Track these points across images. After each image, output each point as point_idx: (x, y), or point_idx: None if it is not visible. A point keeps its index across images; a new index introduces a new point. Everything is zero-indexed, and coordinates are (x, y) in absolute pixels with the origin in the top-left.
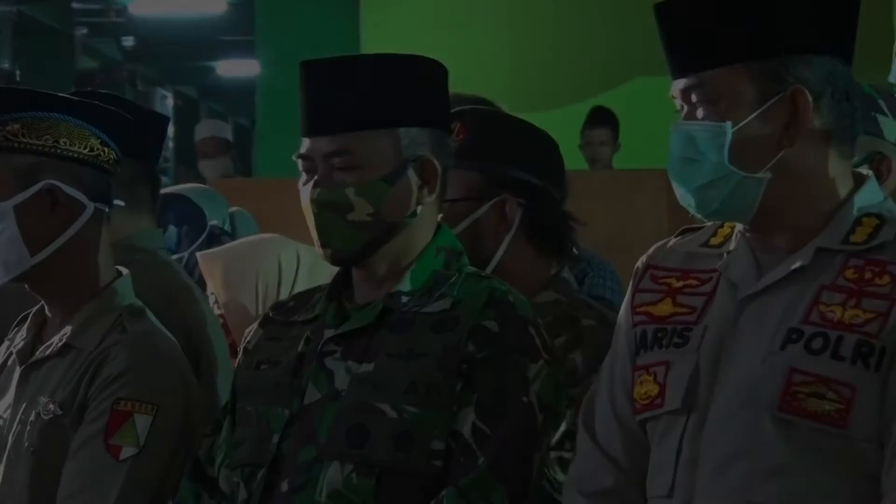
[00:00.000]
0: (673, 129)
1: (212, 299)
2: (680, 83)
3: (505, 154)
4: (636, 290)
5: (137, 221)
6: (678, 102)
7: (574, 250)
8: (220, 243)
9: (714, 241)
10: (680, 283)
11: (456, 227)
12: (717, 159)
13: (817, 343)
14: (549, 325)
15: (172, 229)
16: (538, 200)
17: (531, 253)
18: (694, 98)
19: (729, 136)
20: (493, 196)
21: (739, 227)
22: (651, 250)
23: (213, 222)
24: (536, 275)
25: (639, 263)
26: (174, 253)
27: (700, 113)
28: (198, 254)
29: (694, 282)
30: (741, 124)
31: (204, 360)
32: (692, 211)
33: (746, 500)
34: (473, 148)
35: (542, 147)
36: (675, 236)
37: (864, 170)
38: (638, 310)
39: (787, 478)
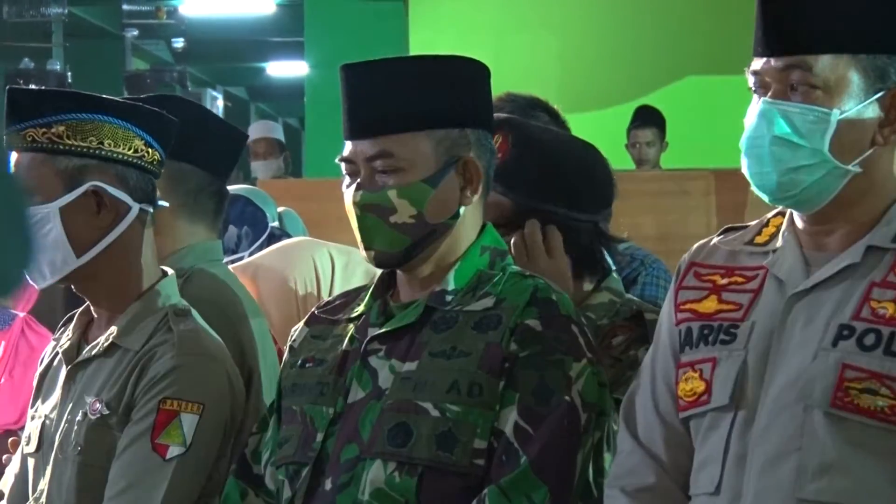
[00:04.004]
0: (766, 106)
1: None
2: (776, 61)
3: (537, 186)
4: (679, 288)
5: (196, 232)
6: (758, 79)
7: (610, 266)
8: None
9: (759, 239)
10: (725, 281)
11: None
12: (817, 145)
13: (870, 339)
14: (605, 327)
15: (232, 229)
16: (564, 233)
17: None
18: (794, 78)
19: (834, 124)
20: (520, 224)
21: (786, 224)
22: (693, 248)
23: (274, 223)
24: (574, 294)
25: (681, 262)
26: (234, 252)
27: (798, 96)
28: (230, 267)
29: (739, 279)
30: (847, 114)
31: (255, 377)
32: (763, 192)
33: (796, 497)
34: (507, 174)
35: (576, 171)
36: (718, 235)
37: None
38: (682, 307)
39: (838, 475)
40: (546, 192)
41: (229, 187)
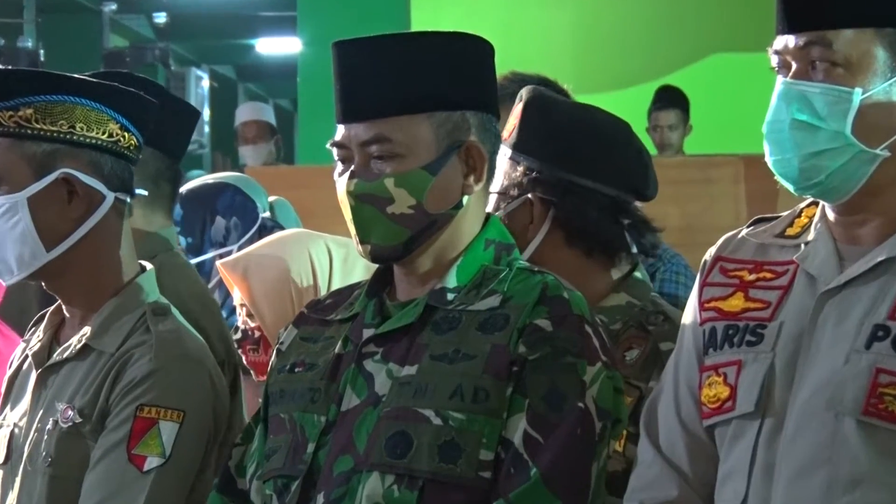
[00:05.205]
0: (785, 87)
1: (242, 311)
2: (796, 38)
3: (543, 148)
4: (704, 285)
5: (153, 219)
6: (780, 59)
7: (633, 251)
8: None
9: (790, 231)
10: (753, 277)
11: None
12: (838, 127)
13: None
14: (619, 332)
15: (220, 221)
16: (572, 200)
17: (573, 256)
18: (814, 55)
19: (856, 104)
20: (525, 193)
21: (819, 215)
22: (720, 241)
23: (265, 214)
24: (592, 281)
25: (707, 256)
26: (222, 246)
27: (819, 74)
28: (217, 263)
29: (768, 275)
30: (871, 93)
31: (238, 374)
32: (786, 181)
33: None
34: (516, 137)
35: (588, 136)
36: (748, 226)
37: None
38: (706, 305)
39: (870, 488)
40: (551, 153)
41: (217, 175)
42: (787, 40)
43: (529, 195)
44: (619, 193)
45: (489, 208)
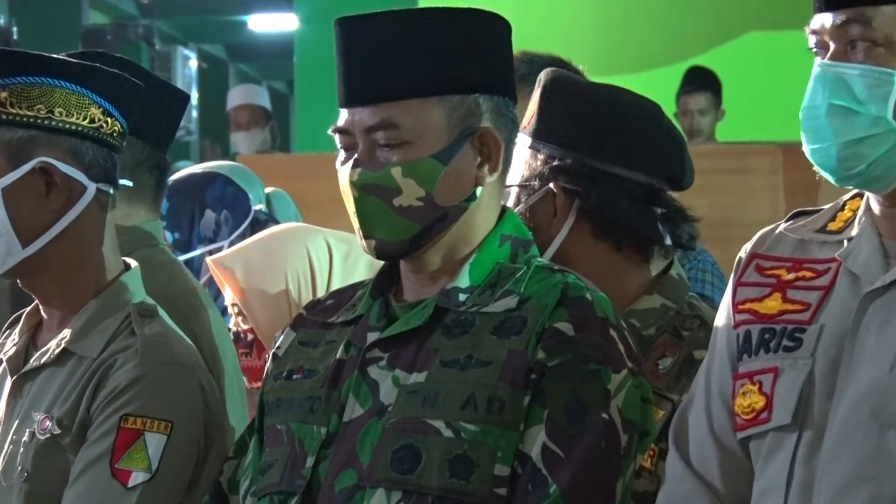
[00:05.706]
0: (821, 69)
1: (233, 311)
2: (833, 17)
3: (564, 134)
4: (738, 284)
5: (134, 213)
6: (817, 39)
7: (666, 244)
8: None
9: (832, 226)
10: (791, 276)
11: None
12: (878, 112)
13: None
14: (652, 338)
15: (210, 214)
16: (599, 189)
17: (602, 251)
18: (853, 34)
19: None
20: (547, 183)
21: (863, 209)
22: (756, 237)
23: (258, 206)
24: (625, 278)
25: (741, 253)
26: (212, 241)
27: (859, 55)
28: (207, 259)
29: (808, 274)
30: None
31: (218, 380)
32: (824, 171)
33: None
34: (535, 123)
35: (618, 124)
36: (786, 221)
37: None
38: (741, 307)
39: None
40: (573, 139)
41: (207, 164)
42: (825, 19)
43: (552, 185)
44: (652, 181)
45: (509, 203)
